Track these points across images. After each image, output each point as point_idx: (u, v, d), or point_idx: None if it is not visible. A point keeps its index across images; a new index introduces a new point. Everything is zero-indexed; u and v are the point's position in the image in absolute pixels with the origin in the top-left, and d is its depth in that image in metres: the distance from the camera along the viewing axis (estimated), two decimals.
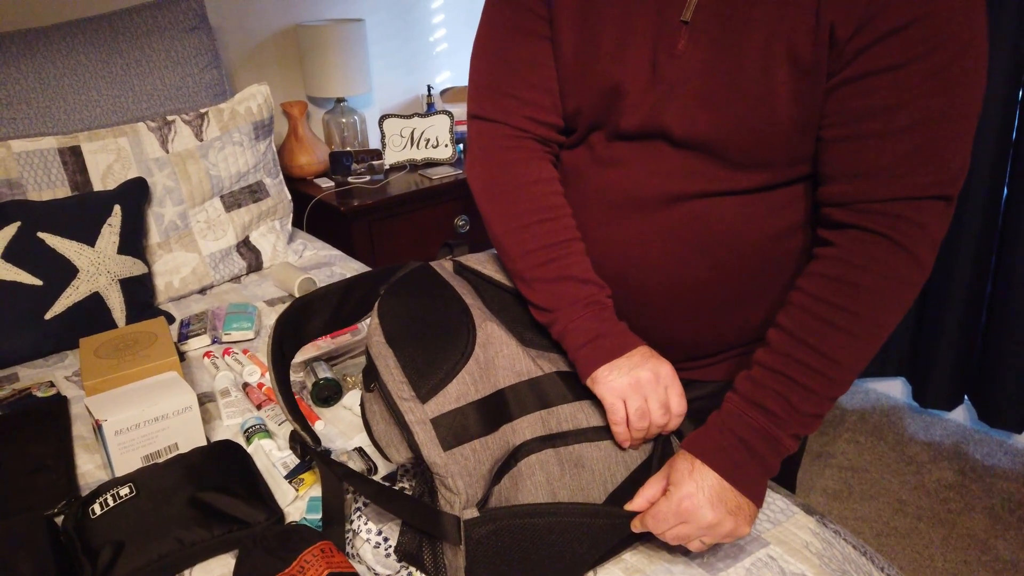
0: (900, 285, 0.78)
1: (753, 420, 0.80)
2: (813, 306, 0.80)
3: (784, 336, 0.81)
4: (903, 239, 0.76)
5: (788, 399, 0.79)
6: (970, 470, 2.13)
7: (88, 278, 1.43)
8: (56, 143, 1.55)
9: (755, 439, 0.80)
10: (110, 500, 0.90)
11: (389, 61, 2.56)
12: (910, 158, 0.74)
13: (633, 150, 0.89)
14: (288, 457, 1.06)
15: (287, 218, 1.86)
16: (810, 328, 0.79)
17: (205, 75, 1.83)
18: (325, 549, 0.81)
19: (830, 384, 0.79)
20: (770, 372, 0.81)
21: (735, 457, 0.80)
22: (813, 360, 0.79)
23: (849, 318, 0.78)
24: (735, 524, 0.79)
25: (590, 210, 0.94)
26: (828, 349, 0.78)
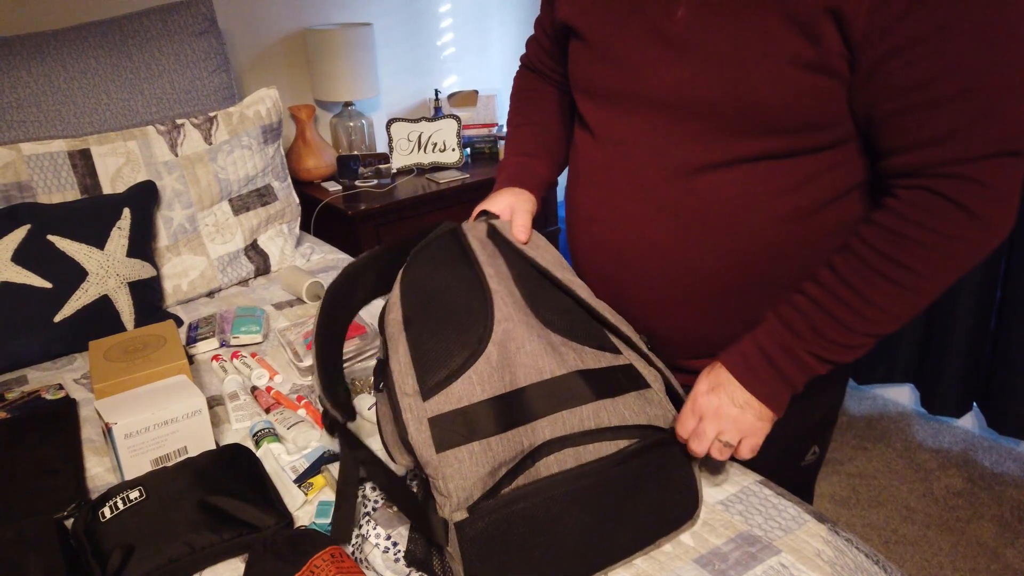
0: (955, 243, 0.77)
1: (777, 334, 0.84)
2: (864, 251, 0.81)
3: (831, 275, 0.83)
4: (964, 198, 0.76)
5: (816, 327, 0.82)
6: (979, 477, 2.12)
7: (97, 281, 1.43)
8: (66, 146, 1.55)
9: (776, 351, 0.84)
10: (120, 503, 0.89)
11: (397, 65, 2.56)
12: (965, 121, 0.74)
13: (633, 124, 0.91)
14: (297, 461, 1.06)
15: (295, 222, 1.86)
16: (857, 271, 0.81)
17: (214, 79, 1.83)
18: (335, 554, 0.80)
19: (865, 322, 0.81)
20: (809, 301, 0.83)
21: (752, 363, 0.85)
22: (855, 301, 0.81)
23: (895, 267, 0.79)
24: (753, 419, 0.86)
25: (594, 188, 0.97)
26: (871, 294, 0.80)
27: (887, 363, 2.40)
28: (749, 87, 0.80)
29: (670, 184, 0.89)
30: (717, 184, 0.87)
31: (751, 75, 0.79)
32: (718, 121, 0.83)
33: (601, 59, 0.92)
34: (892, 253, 0.79)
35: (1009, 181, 0.76)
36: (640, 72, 0.88)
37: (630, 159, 0.92)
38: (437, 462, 0.79)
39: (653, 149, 0.90)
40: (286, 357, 1.37)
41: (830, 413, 1.07)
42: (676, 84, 0.85)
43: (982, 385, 2.24)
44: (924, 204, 0.78)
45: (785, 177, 0.85)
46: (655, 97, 0.87)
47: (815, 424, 1.05)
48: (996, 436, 2.28)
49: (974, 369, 2.22)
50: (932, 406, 2.31)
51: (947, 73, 0.72)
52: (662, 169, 0.89)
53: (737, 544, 0.88)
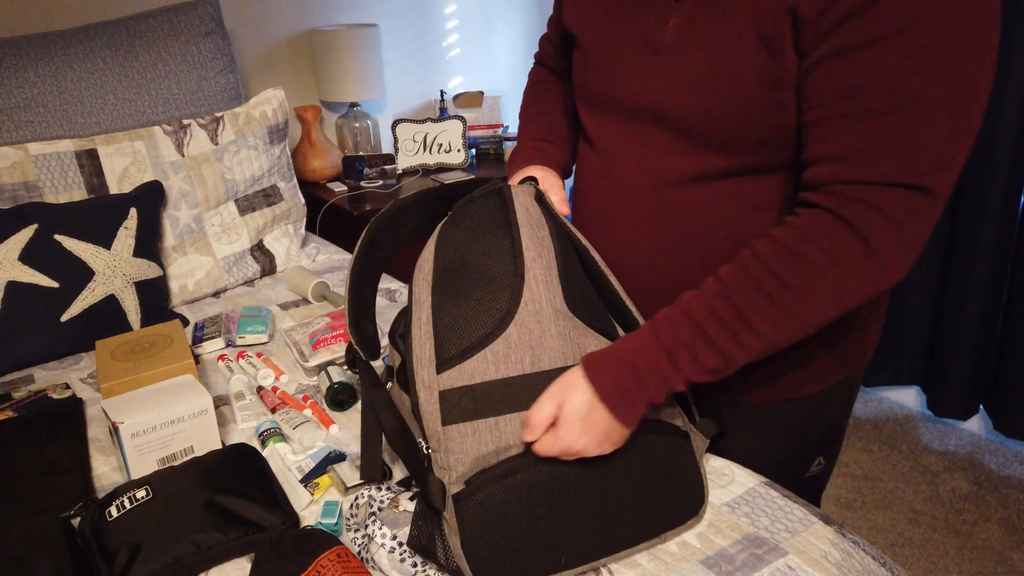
0: (845, 270, 0.73)
1: (653, 360, 0.78)
2: (752, 264, 0.76)
3: (715, 285, 0.78)
4: (861, 224, 0.72)
5: (694, 352, 0.77)
6: (985, 480, 2.11)
7: (104, 280, 1.43)
8: (73, 146, 1.56)
9: (649, 377, 0.78)
10: (127, 503, 0.90)
11: (402, 66, 2.57)
12: (879, 141, 0.70)
13: (622, 133, 0.92)
14: (303, 461, 1.06)
15: (300, 222, 1.86)
16: (740, 286, 0.76)
17: (220, 79, 1.84)
18: (341, 554, 0.80)
19: (739, 347, 0.76)
20: (687, 318, 0.78)
21: (628, 393, 0.79)
22: (730, 318, 0.76)
23: (780, 288, 0.74)
24: (602, 442, 0.80)
25: (590, 199, 0.99)
26: (749, 312, 0.75)
27: (893, 365, 2.39)
28: (720, 103, 0.80)
29: (654, 194, 0.90)
30: (697, 197, 0.87)
31: (722, 91, 0.80)
32: (695, 134, 0.84)
33: (595, 66, 0.94)
34: (781, 272, 0.75)
35: (911, 218, 0.71)
36: (627, 80, 0.89)
37: (619, 167, 0.94)
38: (441, 435, 0.80)
39: (638, 159, 0.91)
40: (292, 357, 1.37)
41: (836, 423, 1.05)
42: (658, 94, 0.86)
43: (988, 388, 2.23)
44: (822, 224, 0.74)
45: (764, 192, 0.85)
46: (640, 107, 0.89)
47: (819, 435, 1.04)
48: (1003, 439, 2.27)
49: (980, 371, 2.21)
50: (938, 409, 2.30)
51: (869, 89, 0.70)
52: (647, 179, 0.91)
53: (744, 546, 0.88)
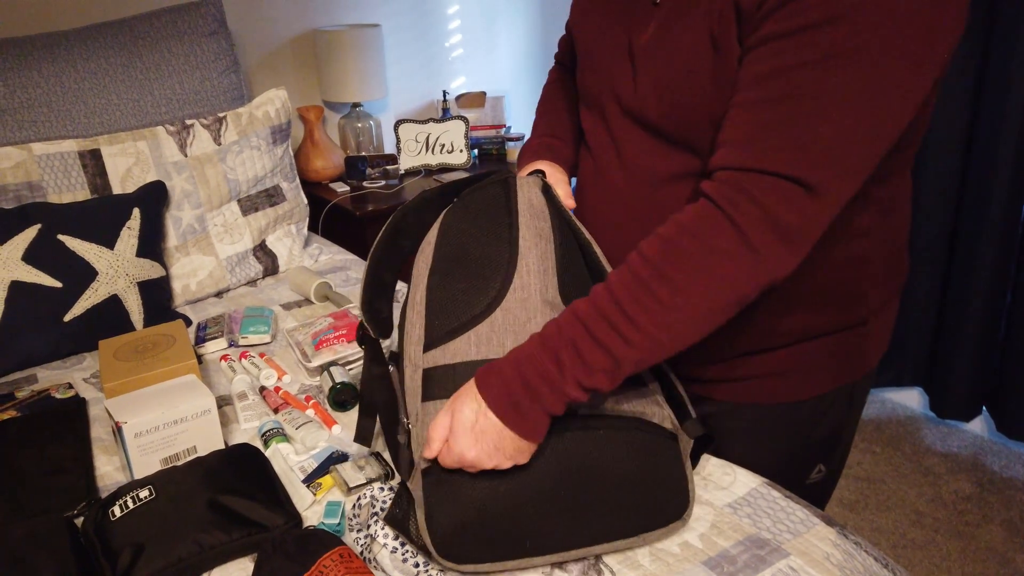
0: (720, 260, 0.72)
1: (540, 364, 0.76)
2: (637, 263, 0.75)
3: (602, 288, 0.77)
4: (736, 214, 0.71)
5: (579, 351, 0.75)
6: (988, 482, 2.11)
7: (107, 280, 1.44)
8: (76, 146, 1.56)
9: (538, 382, 0.76)
10: (130, 502, 0.90)
11: (405, 66, 2.57)
12: (767, 129, 0.70)
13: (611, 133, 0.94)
14: (306, 462, 1.06)
15: (303, 222, 1.86)
16: (625, 284, 0.75)
17: (224, 79, 1.84)
18: (344, 554, 0.81)
19: (625, 344, 0.74)
20: (573, 319, 0.76)
21: (517, 401, 0.76)
22: (614, 315, 0.74)
23: (662, 283, 0.73)
24: (485, 458, 0.77)
25: (586, 198, 1.01)
26: (632, 311, 0.74)
27: (896, 367, 2.39)
28: (682, 105, 0.82)
29: (638, 194, 0.92)
30: (677, 196, 0.88)
31: (682, 93, 0.81)
32: (668, 136, 0.86)
33: (589, 68, 0.96)
34: (661, 264, 0.73)
35: (786, 211, 0.70)
36: (612, 83, 0.92)
37: (609, 167, 0.96)
38: (420, 410, 0.82)
39: (624, 159, 0.93)
40: (294, 357, 1.37)
41: (838, 431, 1.04)
42: (635, 98, 0.88)
43: (991, 389, 2.23)
44: (702, 215, 0.73)
45: None
46: (623, 108, 0.91)
47: (819, 442, 1.03)
48: (1006, 440, 2.27)
49: (983, 373, 2.21)
50: (941, 410, 2.30)
51: (771, 77, 0.69)
52: (631, 179, 0.92)
53: (746, 547, 0.88)
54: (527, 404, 0.76)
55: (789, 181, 0.70)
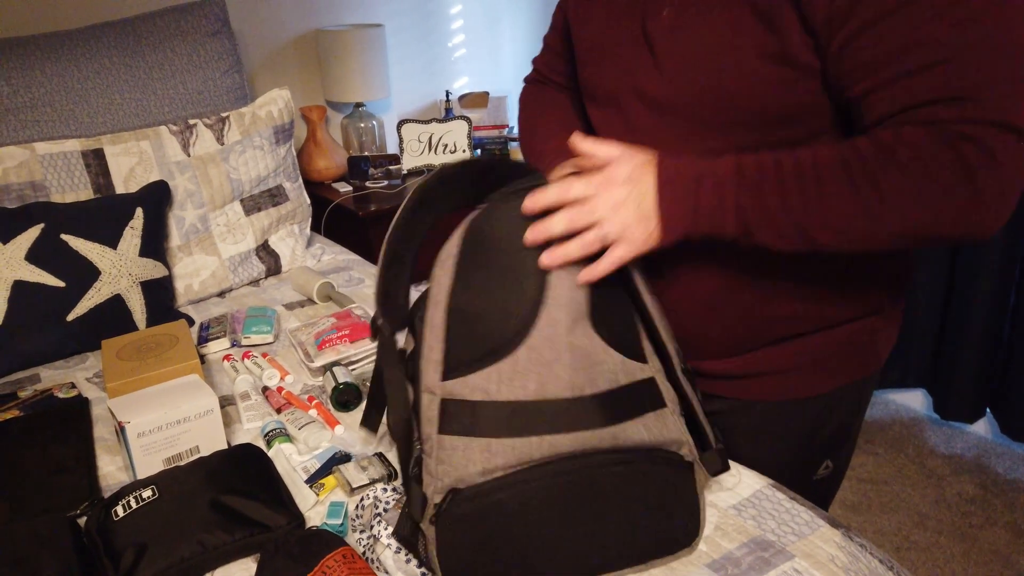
0: (939, 187, 0.70)
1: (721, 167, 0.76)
2: (849, 154, 0.73)
3: (808, 154, 0.75)
4: (966, 151, 0.69)
5: (761, 183, 0.75)
6: (992, 484, 2.10)
7: (110, 280, 1.43)
8: (79, 146, 1.56)
9: (709, 180, 0.76)
10: (133, 502, 0.90)
11: (408, 67, 2.57)
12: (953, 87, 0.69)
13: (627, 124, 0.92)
14: (308, 462, 1.06)
15: (306, 222, 1.86)
16: (831, 167, 0.73)
17: (227, 79, 1.84)
18: (347, 555, 0.80)
19: (805, 214, 0.74)
20: (773, 162, 0.76)
21: (682, 174, 0.77)
22: (812, 188, 0.73)
23: (868, 186, 0.72)
24: (635, 225, 0.76)
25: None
26: (832, 191, 0.73)
27: (900, 368, 2.38)
28: (721, 82, 0.80)
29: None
30: None
31: (722, 70, 0.80)
32: (698, 118, 0.84)
33: (597, 61, 0.95)
34: (874, 167, 0.72)
35: (1011, 160, 0.69)
36: (629, 72, 0.90)
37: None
38: (435, 441, 0.79)
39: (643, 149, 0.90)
40: (297, 357, 1.37)
41: (846, 428, 1.04)
42: (659, 83, 0.86)
43: (995, 390, 2.22)
44: (921, 136, 0.71)
45: None
46: (643, 96, 0.89)
47: (827, 438, 1.03)
48: (1009, 442, 2.26)
49: (987, 374, 2.20)
50: (945, 411, 2.29)
51: (926, 41, 0.69)
52: None
53: (750, 549, 0.87)
54: (688, 191, 0.76)
55: (1005, 130, 0.69)
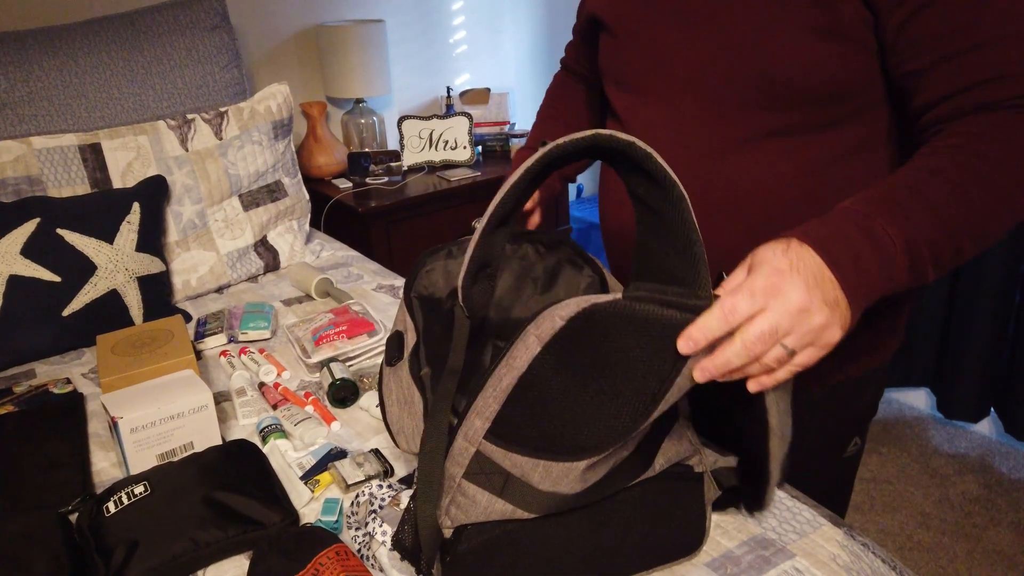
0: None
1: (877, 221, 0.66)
2: (937, 162, 0.70)
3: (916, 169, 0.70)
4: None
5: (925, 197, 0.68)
6: (996, 484, 2.09)
7: (106, 275, 1.42)
8: (76, 140, 1.55)
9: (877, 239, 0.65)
10: (124, 498, 0.88)
11: (409, 63, 2.55)
12: (1012, 65, 0.69)
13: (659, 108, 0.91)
14: (304, 458, 1.04)
15: (305, 218, 1.85)
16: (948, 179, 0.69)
17: (225, 74, 1.83)
18: (340, 552, 0.79)
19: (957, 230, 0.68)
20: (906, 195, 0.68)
21: (849, 246, 0.64)
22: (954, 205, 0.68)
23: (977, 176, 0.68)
24: (829, 318, 0.61)
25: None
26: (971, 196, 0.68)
27: (903, 367, 2.36)
28: (768, 58, 0.79)
29: (695, 167, 0.89)
30: (743, 163, 0.86)
31: (769, 46, 0.79)
32: (741, 96, 0.83)
33: (627, 47, 0.93)
34: (978, 166, 0.69)
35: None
36: (664, 55, 0.89)
37: (657, 143, 0.92)
38: (457, 484, 0.72)
39: (679, 132, 0.90)
40: (294, 353, 1.36)
41: (872, 403, 1.05)
42: (699, 63, 0.85)
43: (999, 390, 2.20)
44: (991, 122, 0.70)
45: (810, 153, 0.84)
46: (680, 78, 0.88)
47: (858, 413, 1.03)
48: (1014, 442, 2.25)
49: (991, 374, 2.19)
50: (949, 411, 2.28)
51: (985, 21, 0.69)
52: (688, 152, 0.89)
53: (750, 547, 0.86)
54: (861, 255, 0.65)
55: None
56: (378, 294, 1.60)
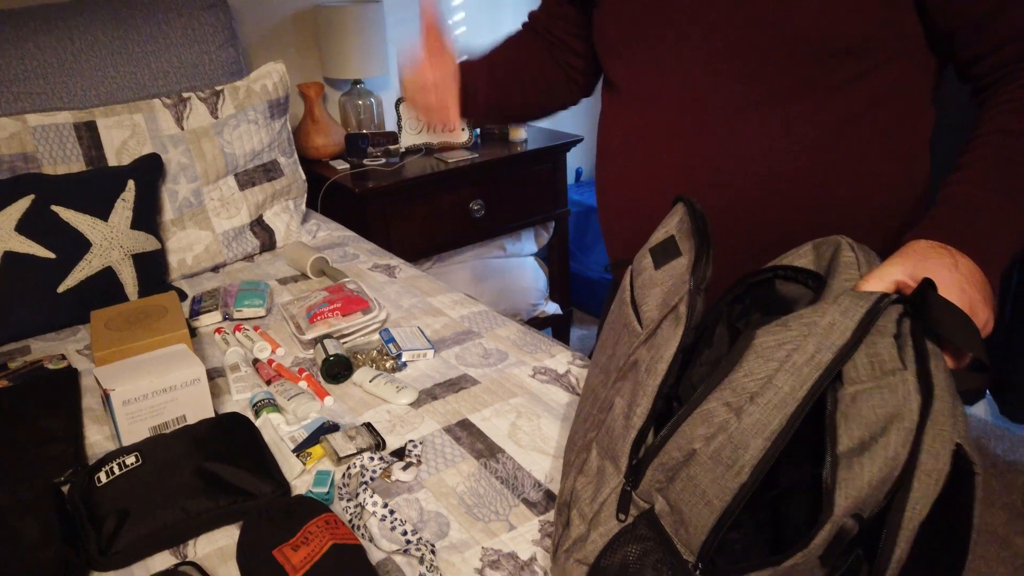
0: None
1: (989, 201, 0.71)
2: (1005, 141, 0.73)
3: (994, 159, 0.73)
4: None
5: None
6: (991, 466, 2.09)
7: (101, 252, 1.42)
8: (72, 118, 1.55)
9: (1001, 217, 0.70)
10: (116, 469, 0.89)
11: (407, 44, 2.54)
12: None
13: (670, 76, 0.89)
14: (296, 432, 1.05)
15: (301, 198, 1.85)
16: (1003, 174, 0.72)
17: (222, 53, 1.82)
18: (330, 520, 0.80)
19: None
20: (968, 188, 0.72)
21: (987, 236, 0.69)
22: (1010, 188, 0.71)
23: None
24: (990, 315, 0.68)
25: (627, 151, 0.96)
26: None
27: None
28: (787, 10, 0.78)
29: (707, 132, 0.88)
30: (757, 125, 0.85)
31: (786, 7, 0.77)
32: (762, 54, 0.81)
33: (634, 18, 0.91)
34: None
35: None
36: (678, 20, 0.86)
37: (666, 112, 0.91)
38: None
39: (692, 98, 0.88)
40: (288, 331, 1.36)
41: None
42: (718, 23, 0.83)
43: (995, 373, 2.20)
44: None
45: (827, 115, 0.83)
46: (696, 42, 0.85)
47: None
48: (1009, 424, 2.25)
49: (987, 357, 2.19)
50: None
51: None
52: (700, 117, 0.88)
53: None
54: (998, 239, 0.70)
55: None
56: (373, 273, 1.60)
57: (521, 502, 0.90)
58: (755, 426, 0.55)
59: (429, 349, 1.24)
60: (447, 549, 0.83)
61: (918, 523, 0.51)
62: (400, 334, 1.28)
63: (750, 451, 0.55)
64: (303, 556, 0.75)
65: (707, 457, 0.58)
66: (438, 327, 1.34)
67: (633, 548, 0.65)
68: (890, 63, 0.81)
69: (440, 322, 1.36)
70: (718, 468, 0.57)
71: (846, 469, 0.52)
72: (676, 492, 0.61)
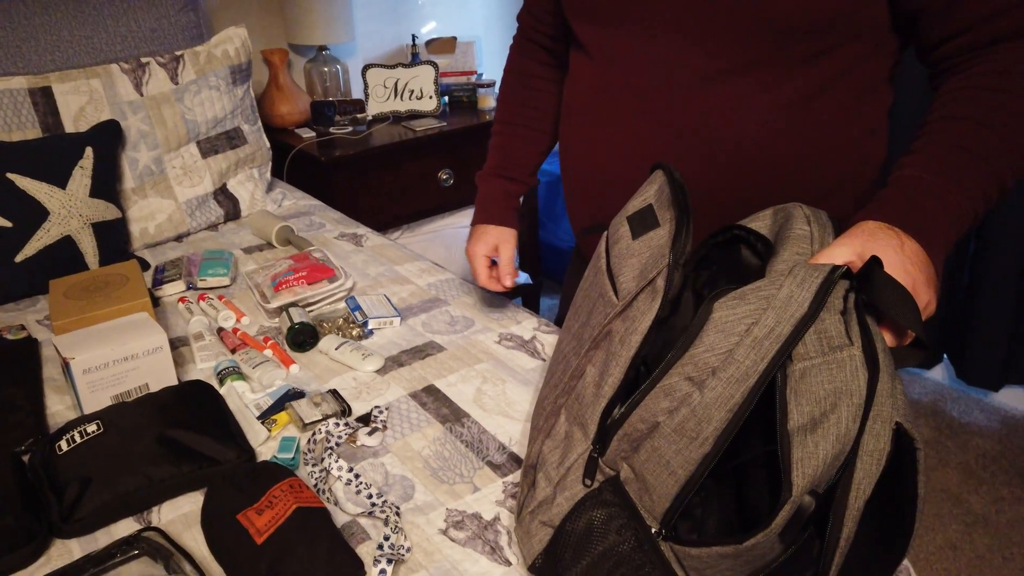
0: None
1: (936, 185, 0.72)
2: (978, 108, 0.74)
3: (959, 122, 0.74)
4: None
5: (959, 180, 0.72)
6: (946, 427, 2.16)
7: (59, 221, 1.40)
8: (26, 83, 1.51)
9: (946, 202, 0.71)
10: (77, 437, 0.88)
11: (373, 9, 2.50)
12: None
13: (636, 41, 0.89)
14: (261, 399, 1.05)
15: (266, 166, 1.82)
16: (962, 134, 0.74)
17: (181, 17, 1.78)
18: (294, 484, 0.80)
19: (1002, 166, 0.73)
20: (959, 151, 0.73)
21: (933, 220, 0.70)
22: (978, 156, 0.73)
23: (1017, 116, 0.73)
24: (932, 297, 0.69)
25: (591, 113, 0.97)
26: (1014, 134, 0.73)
27: None
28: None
29: (673, 98, 0.88)
30: (722, 95, 0.86)
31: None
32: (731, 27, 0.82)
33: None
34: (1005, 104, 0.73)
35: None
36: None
37: (632, 77, 0.91)
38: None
39: (658, 64, 0.88)
40: (254, 300, 1.35)
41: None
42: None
43: (953, 337, 2.26)
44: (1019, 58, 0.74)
45: (792, 86, 0.84)
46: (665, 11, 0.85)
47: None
48: (965, 387, 2.32)
49: (945, 320, 2.24)
50: None
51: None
52: (666, 83, 0.88)
53: None
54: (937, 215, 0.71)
55: None
56: (340, 242, 1.59)
57: (485, 464, 0.91)
58: (718, 399, 0.57)
59: (395, 317, 1.24)
60: (412, 511, 0.84)
61: (863, 503, 0.54)
62: (366, 302, 1.28)
63: (713, 423, 0.57)
64: (267, 519, 0.76)
65: (671, 429, 0.60)
66: (405, 295, 1.34)
67: (598, 513, 0.67)
68: (853, 41, 0.82)
69: (407, 290, 1.36)
70: (682, 440, 0.59)
71: (801, 448, 0.54)
72: (641, 461, 0.63)
